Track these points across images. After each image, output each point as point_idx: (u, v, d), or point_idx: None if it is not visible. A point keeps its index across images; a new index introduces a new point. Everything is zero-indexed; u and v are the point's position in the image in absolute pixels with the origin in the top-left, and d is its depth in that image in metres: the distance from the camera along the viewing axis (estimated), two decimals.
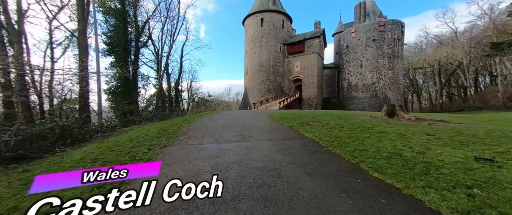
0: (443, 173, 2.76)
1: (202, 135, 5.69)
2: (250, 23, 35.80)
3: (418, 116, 9.52)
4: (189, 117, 11.55)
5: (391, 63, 28.99)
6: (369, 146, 4.21)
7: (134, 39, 17.31)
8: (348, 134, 5.52)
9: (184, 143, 4.83)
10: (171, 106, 23.88)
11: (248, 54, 36.03)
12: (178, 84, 25.75)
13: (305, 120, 8.22)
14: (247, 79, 36.00)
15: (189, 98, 40.00)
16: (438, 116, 11.79)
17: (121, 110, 14.56)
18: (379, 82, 29.21)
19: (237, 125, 7.45)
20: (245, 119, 9.32)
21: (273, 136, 5.31)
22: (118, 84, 16.66)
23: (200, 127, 7.30)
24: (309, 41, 32.82)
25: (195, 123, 8.42)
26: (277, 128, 6.62)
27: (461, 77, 44.25)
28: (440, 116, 11.31)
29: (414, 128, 6.46)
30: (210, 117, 10.60)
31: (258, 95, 33.78)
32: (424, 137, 5.06)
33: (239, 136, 5.39)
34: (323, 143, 4.54)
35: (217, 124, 7.90)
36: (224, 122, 8.48)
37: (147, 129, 7.76)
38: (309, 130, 6.02)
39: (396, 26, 29.14)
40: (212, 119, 9.95)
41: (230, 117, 10.22)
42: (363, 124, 7.28)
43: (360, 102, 30.57)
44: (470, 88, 42.42)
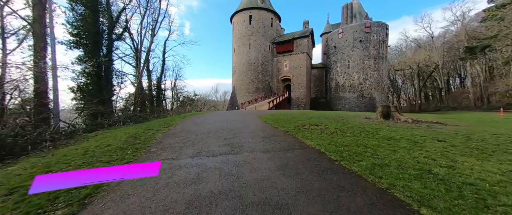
0: (506, 204, 2.05)
1: (180, 145, 4.59)
2: (238, 20, 34.60)
3: (413, 117, 9.25)
4: (170, 119, 10.23)
5: (376, 64, 29.69)
6: (386, 159, 3.47)
7: (107, 30, 15.31)
8: (354, 141, 4.80)
9: (155, 158, 3.72)
10: (152, 106, 21.97)
11: (236, 52, 34.82)
12: (161, 82, 23.84)
13: (301, 124, 7.43)
14: (235, 78, 34.81)
15: (173, 97, 37.85)
16: (422, 116, 11.79)
17: (90, 111, 12.69)
18: (365, 83, 29.78)
19: (224, 129, 6.43)
20: (234, 121, 8.31)
21: (269, 146, 4.40)
22: (87, 81, 14.61)
23: (181, 132, 6.16)
24: (298, 41, 32.54)
25: (176, 127, 7.23)
26: (272, 133, 5.72)
27: (437, 79, 47.31)
28: (422, 116, 11.29)
29: (418, 132, 5.97)
30: (194, 119, 9.41)
31: (246, 95, 32.77)
32: (437, 145, 4.48)
33: (228, 146, 4.39)
34: (331, 154, 3.72)
35: (201, 128, 6.80)
36: (210, 125, 7.39)
37: (114, 135, 6.41)
38: (309, 136, 5.21)
39: (381, 28, 29.90)
40: (196, 121, 8.79)
41: (217, 119, 9.13)
42: (363, 127, 6.67)
43: (347, 102, 30.96)
44: (444, 89, 45.46)
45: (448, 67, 45.97)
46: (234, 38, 35.93)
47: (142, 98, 21.32)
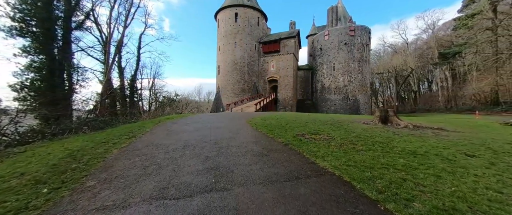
0: None
1: (138, 172, 3.09)
2: (223, 17, 32.91)
3: (412, 122, 8.75)
4: (140, 125, 8.41)
5: (360, 67, 30.30)
6: (442, 194, 2.42)
7: (64, 17, 12.70)
8: (375, 158, 3.76)
9: (84, 206, 2.21)
10: (124, 107, 19.34)
11: (221, 50, 33.06)
12: (135, 81, 21.17)
13: (299, 131, 6.30)
14: (220, 78, 33.01)
15: (151, 98, 34.75)
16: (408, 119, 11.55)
17: (37, 114, 10.20)
18: (350, 85, 30.20)
19: (207, 141, 5.00)
20: (219, 128, 6.88)
21: (270, 170, 3.12)
22: (36, 78, 11.90)
23: (146, 147, 4.59)
24: (285, 41, 31.95)
25: (142, 138, 5.60)
26: (268, 147, 4.45)
27: (410, 82, 50.69)
28: (407, 119, 11.04)
29: (433, 142, 5.20)
30: (170, 125, 7.76)
31: (232, 96, 31.18)
32: (475, 163, 3.63)
33: (210, 173, 3.03)
34: (362, 186, 2.58)
35: (176, 139, 5.28)
36: (188, 135, 5.88)
37: (48, 152, 4.59)
38: (318, 152, 4.05)
39: (365, 31, 30.64)
40: (172, 128, 7.17)
41: (199, 125, 7.61)
42: (371, 136, 5.76)
43: (332, 104, 31.12)
44: (418, 92, 48.84)
45: (418, 72, 49.55)
46: (218, 36, 34.12)
47: (112, 99, 18.64)
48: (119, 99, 19.68)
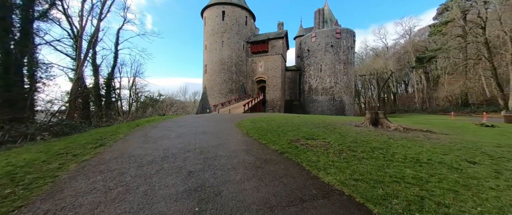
0: None
1: (95, 200, 2.36)
2: (210, 14, 31.81)
3: (401, 124, 8.79)
4: (114, 130, 7.39)
5: (346, 69, 31.12)
6: None
7: (22, 4, 10.99)
8: (380, 168, 3.40)
9: None
10: (99, 109, 17.57)
11: (208, 49, 31.93)
12: (112, 79, 19.35)
13: (293, 136, 5.86)
14: (207, 78, 31.84)
15: (132, 98, 32.47)
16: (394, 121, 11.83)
17: None
18: (336, 86, 30.86)
19: (190, 151, 4.33)
20: (205, 133, 6.20)
21: (268, 191, 2.58)
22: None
23: (113, 160, 3.79)
24: (273, 41, 31.77)
25: (112, 147, 4.74)
26: (263, 157, 3.92)
27: (389, 84, 53.59)
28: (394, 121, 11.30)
29: (428, 146, 5.07)
30: (148, 130, 6.88)
31: (219, 96, 30.22)
32: (480, 172, 3.44)
33: (193, 195, 2.41)
34: (378, 210, 2.15)
35: (153, 149, 4.52)
36: (169, 142, 5.14)
37: None
38: (317, 163, 3.61)
39: (350, 34, 31.55)
40: (151, 134, 6.33)
41: (183, 130, 6.84)
42: (366, 140, 5.50)
43: (319, 105, 31.57)
44: (397, 94, 51.80)
45: (397, 74, 52.62)
46: (205, 34, 32.94)
47: (84, 99, 16.82)
48: (93, 99, 17.84)
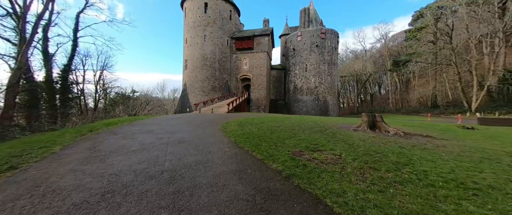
0: None
1: None
2: (191, 6, 29.42)
3: (400, 129, 8.37)
4: (52, 138, 5.55)
5: (330, 69, 31.47)
6: None
7: None
8: (431, 203, 2.51)
9: None
10: (52, 107, 14.61)
11: (189, 43, 29.55)
12: (69, 71, 16.31)
13: (295, 147, 4.82)
14: (187, 74, 29.49)
15: (98, 94, 28.66)
16: None
17: None
18: (320, 86, 31.04)
19: (154, 180, 2.98)
20: (180, 144, 4.82)
21: None
22: None
23: (9, 204, 2.30)
24: (259, 38, 30.69)
25: (25, 174, 3.17)
26: (263, 189, 2.78)
27: (366, 86, 56.55)
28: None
29: (446, 157, 4.46)
30: (103, 138, 5.24)
31: (200, 94, 28.19)
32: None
33: None
34: None
35: (93, 176, 3.07)
36: (124, 162, 3.69)
37: None
38: (344, 195, 2.60)
39: (334, 35, 31.95)
40: (103, 145, 4.74)
41: (149, 139, 5.34)
42: (380, 151, 4.72)
43: (304, 105, 31.50)
44: (374, 95, 54.85)
45: (372, 76, 55.82)
46: (185, 27, 30.44)
47: (31, 95, 13.79)
48: (44, 96, 14.78)
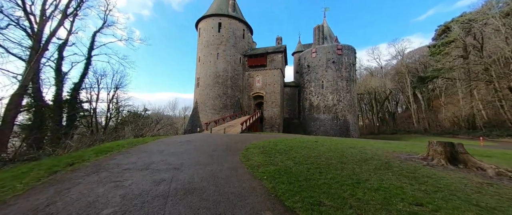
0: None
1: None
2: (205, 26, 30.05)
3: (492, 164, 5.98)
4: (11, 178, 4.04)
5: (348, 86, 29.46)
6: None
7: None
8: None
9: None
10: (56, 127, 13.77)
11: (201, 61, 29.49)
12: (79, 90, 15.83)
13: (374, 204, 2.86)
14: (199, 92, 28.85)
15: (110, 112, 28.38)
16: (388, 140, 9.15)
17: None
18: (339, 104, 28.79)
19: None
20: (185, 197, 3.04)
21: None
22: None
23: None
24: (272, 56, 30.05)
25: None
26: None
27: (387, 104, 52.93)
28: (385, 138, 8.63)
29: None
30: (72, 184, 3.63)
31: (212, 112, 27.00)
32: None
33: None
34: None
35: None
36: None
37: None
38: None
39: (351, 51, 30.57)
40: (63, 203, 3.07)
41: (139, 185, 3.64)
42: None
43: (322, 124, 29.04)
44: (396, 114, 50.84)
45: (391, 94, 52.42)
46: (199, 46, 30.77)
47: (39, 116, 13.09)
48: (51, 115, 14.09)
